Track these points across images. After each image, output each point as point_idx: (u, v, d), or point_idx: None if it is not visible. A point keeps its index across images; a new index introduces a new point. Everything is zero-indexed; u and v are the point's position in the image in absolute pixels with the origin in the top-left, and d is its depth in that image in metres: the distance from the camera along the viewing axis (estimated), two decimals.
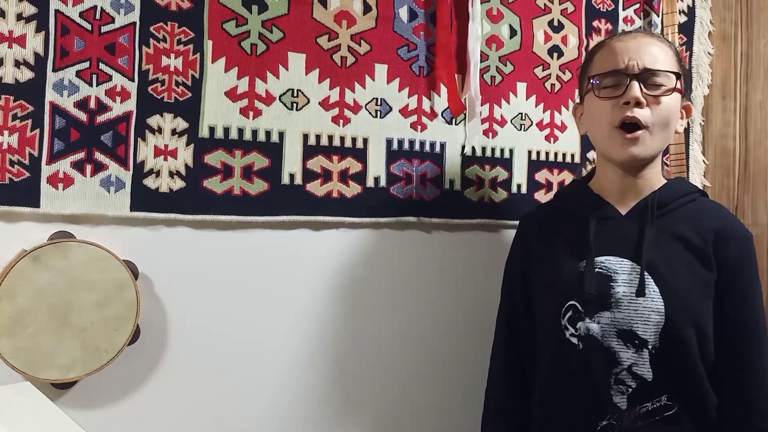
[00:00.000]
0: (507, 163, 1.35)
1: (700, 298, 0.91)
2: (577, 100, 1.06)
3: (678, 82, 0.93)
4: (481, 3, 1.30)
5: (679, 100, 0.95)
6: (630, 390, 0.90)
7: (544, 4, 1.38)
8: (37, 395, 0.80)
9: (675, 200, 0.96)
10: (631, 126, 0.92)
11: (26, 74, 0.98)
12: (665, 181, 0.99)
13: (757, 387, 0.91)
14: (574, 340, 0.94)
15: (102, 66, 1.03)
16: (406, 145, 1.25)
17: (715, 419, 0.91)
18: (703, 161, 1.59)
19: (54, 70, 1.00)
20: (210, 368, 1.12)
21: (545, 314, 1.00)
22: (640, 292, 0.90)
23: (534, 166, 1.37)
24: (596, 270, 0.94)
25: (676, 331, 0.89)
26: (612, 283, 0.93)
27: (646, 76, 0.92)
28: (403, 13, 1.25)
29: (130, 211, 1.04)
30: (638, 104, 0.91)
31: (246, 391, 1.15)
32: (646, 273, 0.91)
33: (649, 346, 0.90)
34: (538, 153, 1.38)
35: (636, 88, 0.91)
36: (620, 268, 0.93)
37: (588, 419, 0.93)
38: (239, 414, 1.15)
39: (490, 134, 1.33)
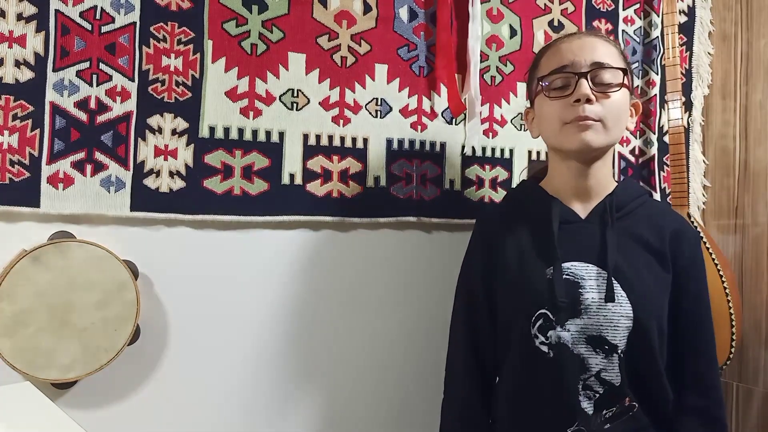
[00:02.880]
0: (507, 163, 1.35)
1: (660, 298, 0.93)
2: (528, 105, 1.05)
3: (625, 78, 0.94)
4: (481, 3, 1.30)
5: (627, 97, 0.96)
6: (597, 395, 0.91)
7: (544, 4, 1.38)
8: (37, 395, 0.80)
9: (631, 201, 0.98)
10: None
11: (26, 74, 0.99)
12: (616, 183, 1.00)
13: (712, 377, 0.95)
14: (545, 348, 0.92)
15: (102, 66, 1.03)
16: (406, 145, 1.25)
17: (669, 412, 0.93)
18: (703, 161, 1.59)
19: (54, 70, 1.00)
20: (210, 368, 1.12)
21: (513, 322, 0.97)
22: (610, 297, 0.90)
23: None
24: (564, 277, 0.93)
25: (644, 333, 0.90)
26: (580, 290, 0.92)
27: (594, 74, 0.92)
28: (403, 13, 1.25)
29: (130, 211, 1.05)
30: (588, 101, 0.91)
31: (245, 391, 1.15)
32: (613, 278, 0.91)
33: (619, 351, 0.90)
34: (538, 153, 1.38)
35: (585, 86, 0.91)
36: (587, 274, 0.93)
37: (556, 425, 0.92)
38: (239, 413, 1.15)
39: (490, 134, 1.33)
